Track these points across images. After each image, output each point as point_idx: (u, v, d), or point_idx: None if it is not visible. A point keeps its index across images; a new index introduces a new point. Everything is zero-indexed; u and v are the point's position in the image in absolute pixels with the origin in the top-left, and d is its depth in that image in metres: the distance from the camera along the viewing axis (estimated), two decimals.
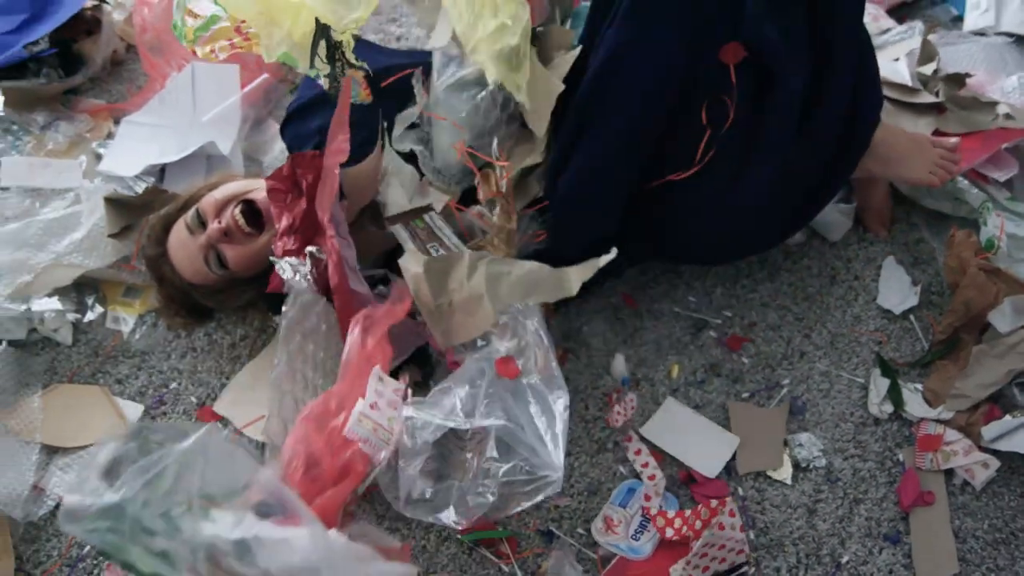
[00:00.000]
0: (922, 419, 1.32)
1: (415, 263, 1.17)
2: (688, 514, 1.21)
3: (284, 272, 1.16)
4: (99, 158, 1.68)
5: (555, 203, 1.29)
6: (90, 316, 1.49)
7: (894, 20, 1.81)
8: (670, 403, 1.35)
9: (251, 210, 1.27)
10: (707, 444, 1.32)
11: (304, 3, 1.32)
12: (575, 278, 1.16)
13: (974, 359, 1.33)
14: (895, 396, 1.34)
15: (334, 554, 0.90)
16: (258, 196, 1.27)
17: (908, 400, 1.33)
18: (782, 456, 1.30)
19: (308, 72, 1.39)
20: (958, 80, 1.59)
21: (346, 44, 1.35)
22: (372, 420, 1.07)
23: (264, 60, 1.37)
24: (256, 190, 1.28)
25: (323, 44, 1.35)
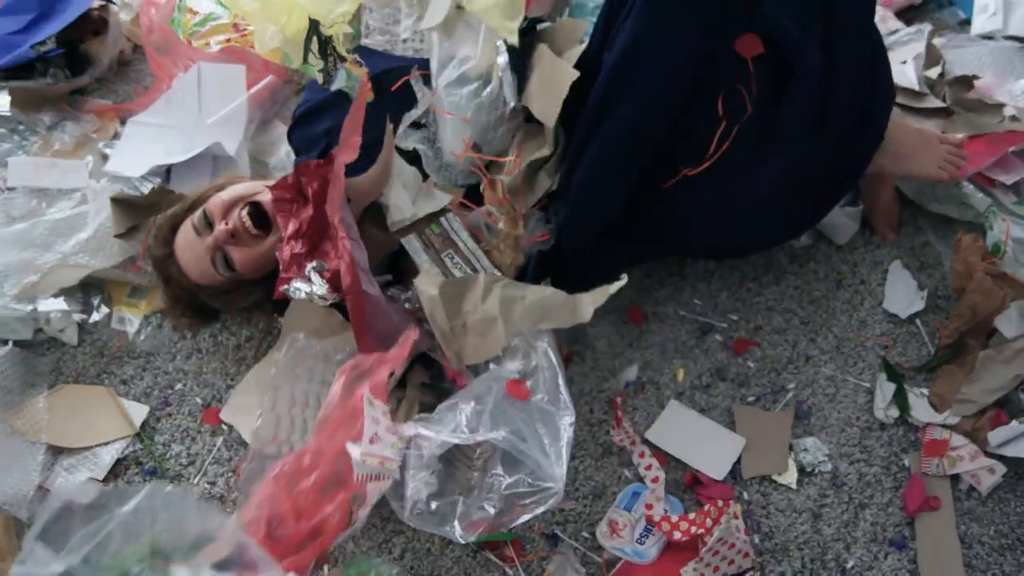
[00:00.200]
0: (928, 424, 1.31)
1: (430, 285, 1.19)
2: (693, 516, 1.21)
3: (299, 294, 1.16)
4: (105, 158, 1.68)
5: (571, 193, 1.29)
6: (96, 317, 1.49)
7: (902, 22, 1.80)
8: (674, 406, 1.35)
9: (258, 212, 1.27)
10: (713, 446, 1.32)
11: (297, 2, 1.39)
12: (588, 304, 1.19)
13: (980, 364, 1.32)
14: (901, 401, 1.33)
15: None
16: (265, 198, 1.27)
17: (914, 405, 1.33)
18: (787, 460, 1.30)
19: (301, 68, 1.42)
20: (966, 83, 1.59)
21: (336, 38, 1.40)
22: (376, 456, 1.01)
23: (256, 50, 1.44)
24: (263, 192, 1.28)
25: (315, 40, 1.40)
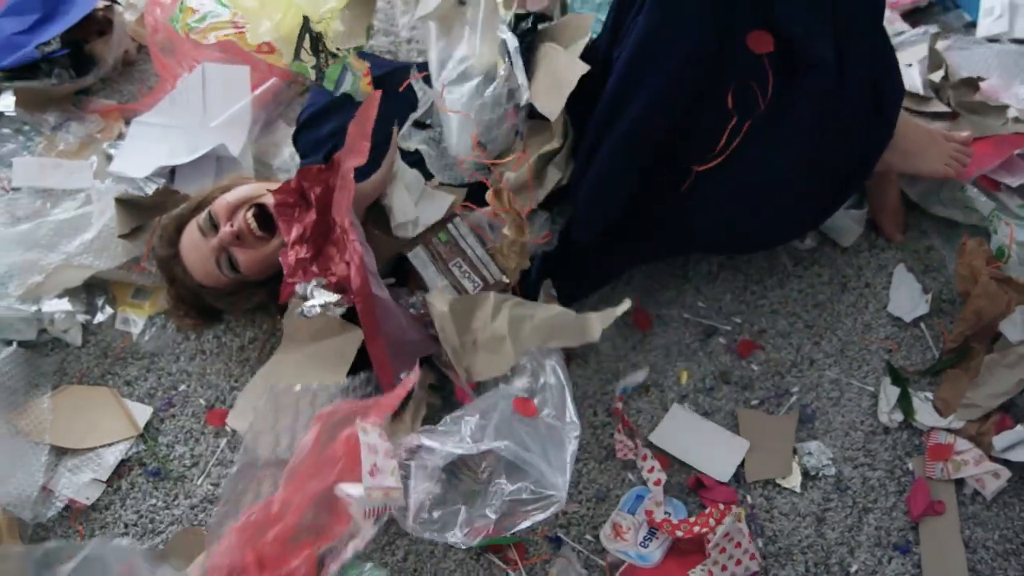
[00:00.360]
0: (932, 428, 1.31)
1: (441, 302, 1.21)
2: (694, 519, 1.21)
3: (314, 312, 1.16)
4: (110, 159, 1.68)
5: (582, 191, 1.29)
6: (100, 317, 1.49)
7: (907, 24, 1.80)
8: (676, 410, 1.35)
9: (263, 214, 1.27)
10: (717, 449, 1.32)
11: (292, 1, 1.47)
12: (596, 324, 1.21)
13: (985, 368, 1.32)
14: (905, 405, 1.33)
15: None
16: (271, 200, 1.27)
17: (918, 409, 1.33)
18: (791, 464, 1.30)
19: (294, 66, 1.48)
20: (971, 85, 1.59)
21: (325, 34, 1.46)
22: (380, 488, 0.99)
23: (248, 41, 1.50)
24: (268, 194, 1.28)
25: (307, 37, 1.46)
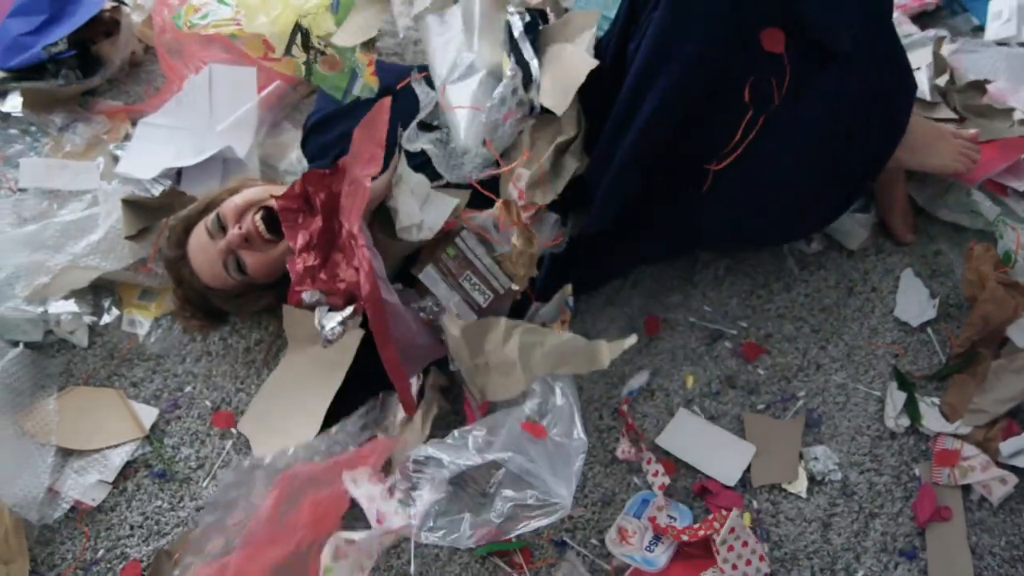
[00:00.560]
0: (939, 434, 1.31)
1: (454, 326, 1.23)
2: (698, 525, 1.21)
3: (336, 334, 1.17)
4: (116, 160, 1.68)
5: (606, 178, 1.29)
6: (106, 319, 1.50)
7: (916, 27, 1.80)
8: (683, 414, 1.35)
9: (271, 217, 1.27)
10: (723, 454, 1.31)
11: (288, 2, 1.55)
12: (606, 352, 1.22)
13: (992, 374, 1.32)
14: (912, 410, 1.33)
15: None
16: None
17: (925, 414, 1.32)
18: (797, 469, 1.29)
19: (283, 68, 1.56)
20: (977, 88, 1.58)
21: (310, 29, 1.53)
22: (392, 531, 1.00)
23: (243, 28, 1.58)
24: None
25: (299, 35, 1.52)
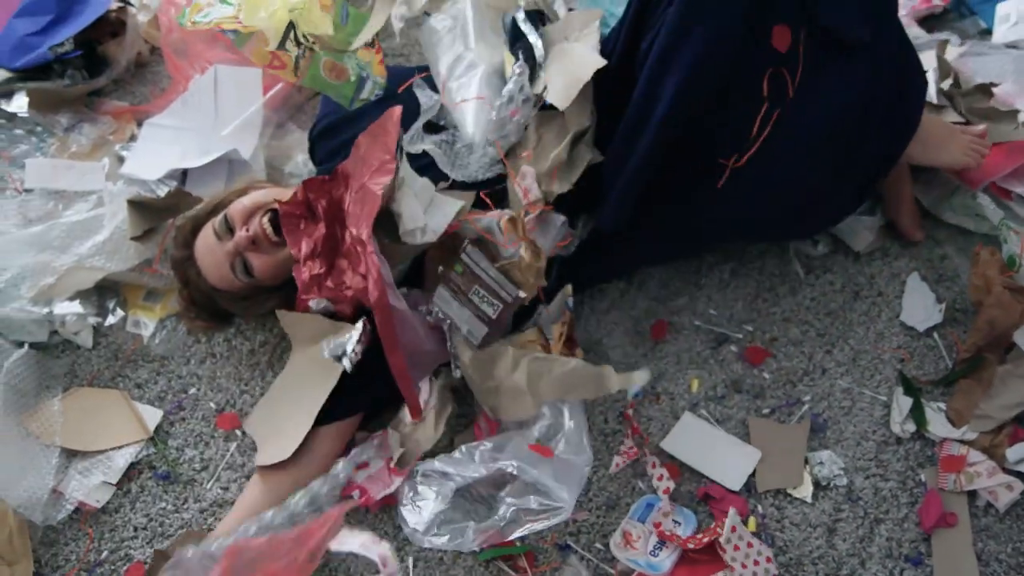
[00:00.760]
0: (945, 439, 1.30)
1: (465, 353, 1.25)
2: (701, 534, 1.21)
3: (356, 356, 1.21)
4: (122, 160, 1.68)
5: (625, 175, 1.29)
6: (111, 320, 1.50)
7: (923, 30, 1.80)
8: (688, 418, 1.35)
9: (279, 220, 1.26)
10: (728, 458, 1.31)
11: (286, 2, 1.60)
12: (613, 377, 1.23)
13: (999, 379, 1.31)
14: (918, 415, 1.32)
15: None
16: None
17: (931, 420, 1.32)
18: (802, 474, 1.29)
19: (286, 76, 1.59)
20: (984, 91, 1.58)
21: (298, 23, 1.57)
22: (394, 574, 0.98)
23: (243, 21, 1.60)
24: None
25: (293, 32, 1.56)
